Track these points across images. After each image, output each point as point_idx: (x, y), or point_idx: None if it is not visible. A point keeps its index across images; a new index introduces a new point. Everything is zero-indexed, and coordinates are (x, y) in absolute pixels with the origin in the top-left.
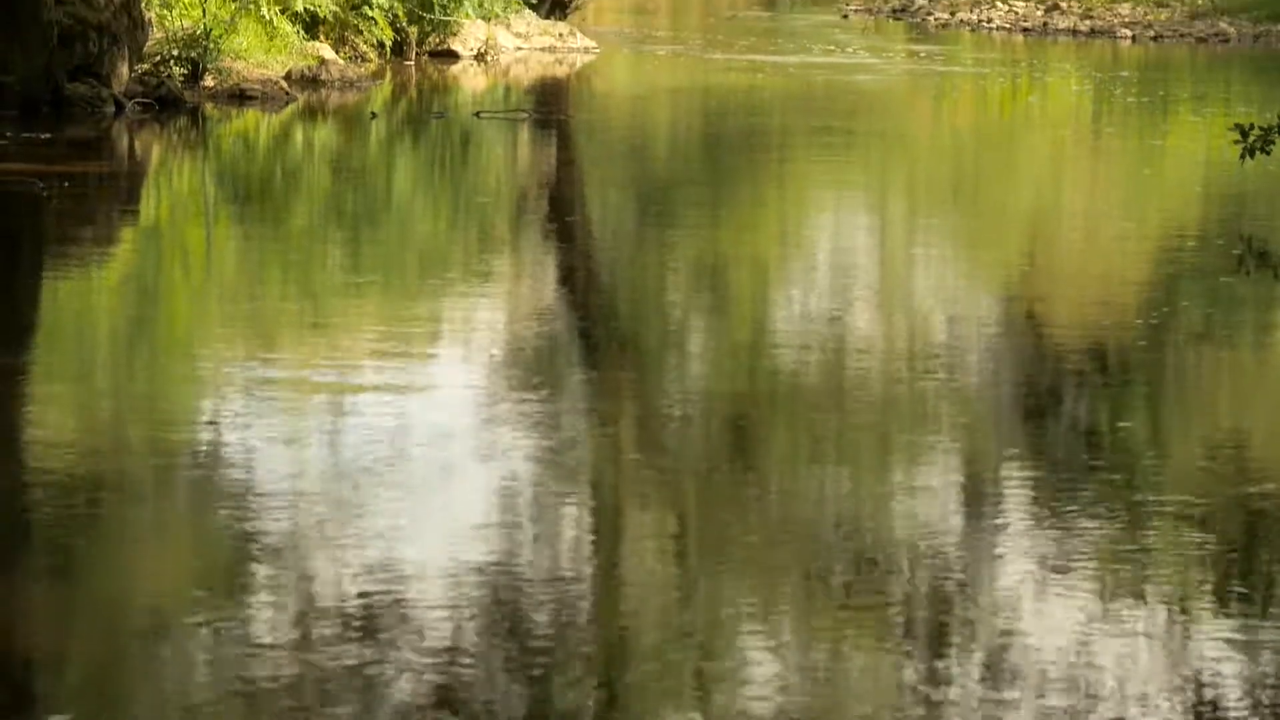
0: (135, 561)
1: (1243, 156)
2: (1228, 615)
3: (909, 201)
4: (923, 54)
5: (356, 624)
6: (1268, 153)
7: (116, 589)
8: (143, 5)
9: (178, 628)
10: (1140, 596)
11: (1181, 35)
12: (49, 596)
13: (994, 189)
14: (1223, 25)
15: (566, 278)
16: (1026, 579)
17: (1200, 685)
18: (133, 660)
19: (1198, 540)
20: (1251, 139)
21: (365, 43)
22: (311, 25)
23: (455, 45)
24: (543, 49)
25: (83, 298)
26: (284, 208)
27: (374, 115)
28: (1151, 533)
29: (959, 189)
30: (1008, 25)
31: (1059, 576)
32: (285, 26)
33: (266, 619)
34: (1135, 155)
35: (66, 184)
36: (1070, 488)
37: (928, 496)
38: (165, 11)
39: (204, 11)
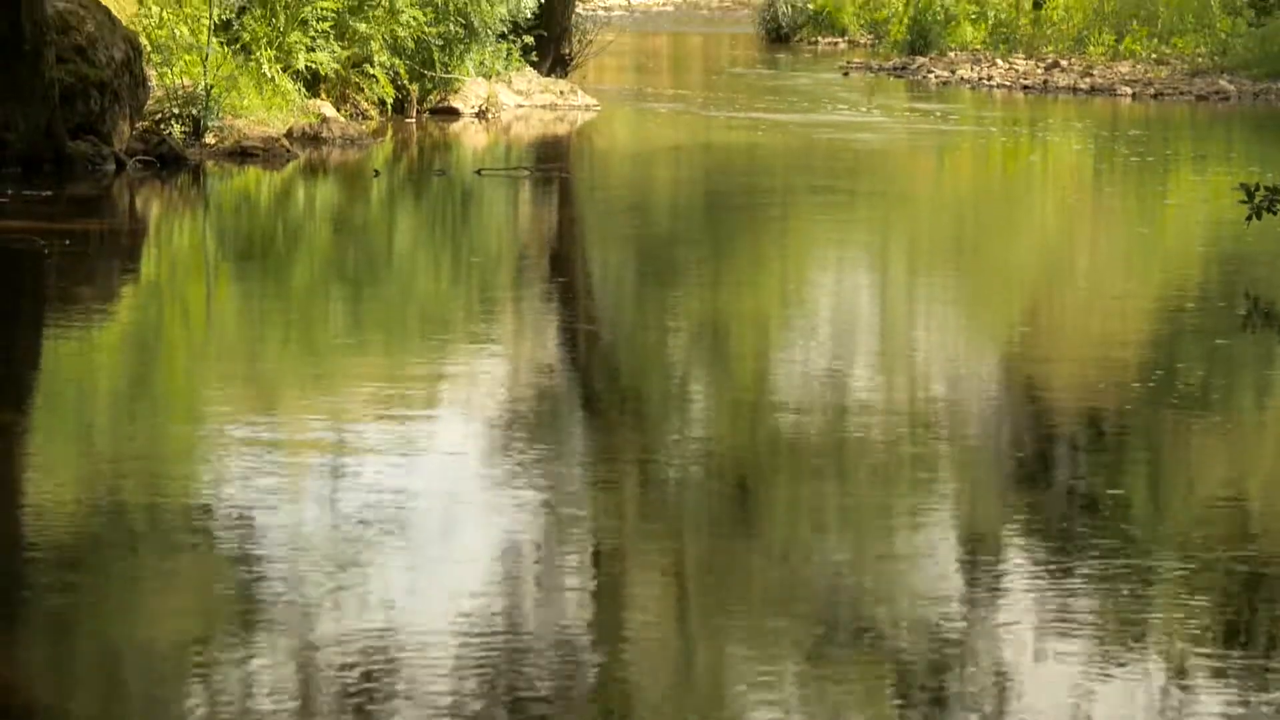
0: (132, 622)
1: (1249, 217)
2: (1227, 681)
3: (910, 261)
4: (923, 112)
5: (356, 685)
6: (1274, 213)
7: (113, 648)
8: (144, 63)
9: (175, 688)
10: (1140, 661)
11: (1181, 93)
12: (46, 656)
13: (995, 249)
14: (1222, 83)
15: (567, 336)
16: (1026, 644)
17: None
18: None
19: (1197, 605)
20: (1258, 199)
21: (366, 100)
22: (312, 83)
23: (456, 102)
24: (544, 106)
25: (83, 355)
26: (286, 265)
27: (377, 173)
28: (1152, 598)
29: (960, 249)
30: (1008, 83)
31: (1059, 642)
32: (286, 84)
33: (267, 680)
34: (1137, 215)
35: (67, 241)
36: (1070, 552)
37: (928, 559)
38: (166, 69)
39: (205, 69)
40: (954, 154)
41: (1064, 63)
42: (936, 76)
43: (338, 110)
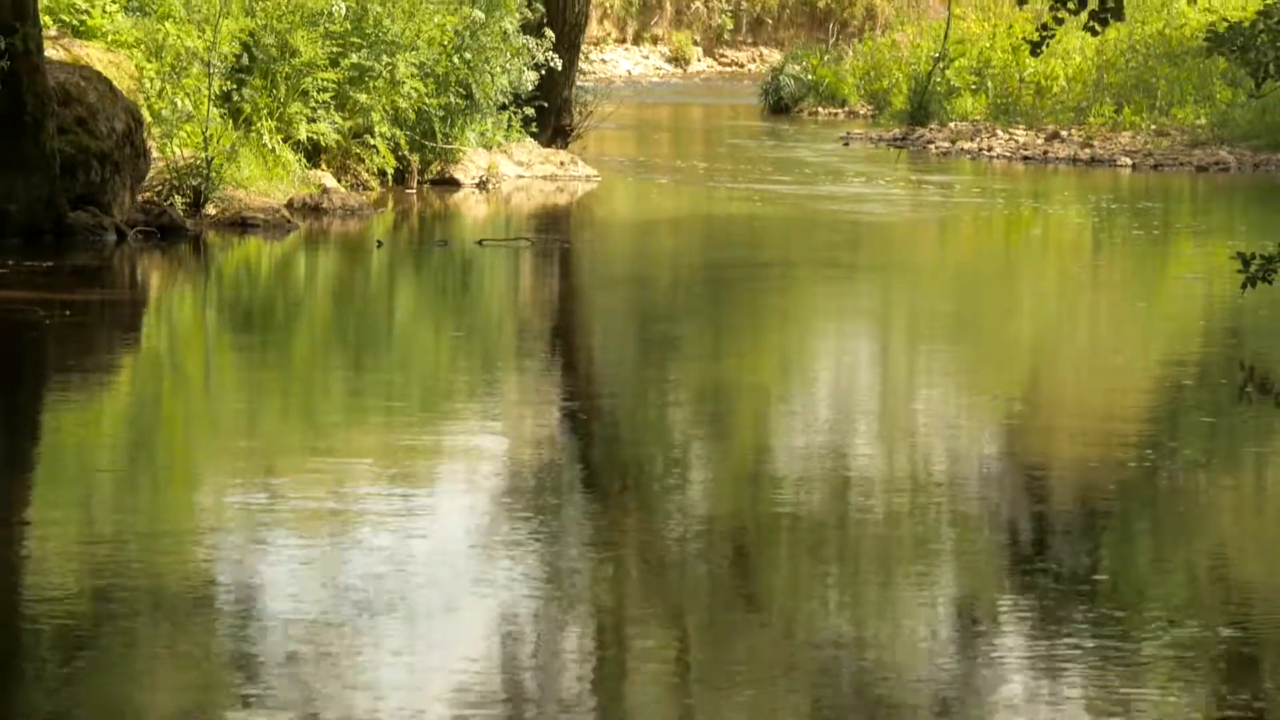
0: (134, 691)
1: (1244, 286)
2: None
3: (910, 334)
4: (924, 183)
5: None
6: (1269, 282)
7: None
8: (144, 134)
9: None
10: None
11: (1181, 164)
12: None
13: (995, 322)
14: (1223, 154)
15: (568, 409)
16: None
17: None
18: None
19: (1193, 678)
20: (1253, 268)
21: (367, 171)
22: (313, 153)
23: (457, 173)
24: (544, 177)
25: (83, 426)
26: (287, 337)
27: (380, 243)
28: (1150, 674)
29: (960, 323)
30: (1008, 154)
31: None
32: (287, 155)
33: None
34: (1137, 287)
35: (68, 312)
36: (1067, 632)
37: (927, 633)
38: (167, 140)
39: (205, 140)
40: (954, 226)
41: (1064, 133)
42: (937, 147)
43: (338, 181)
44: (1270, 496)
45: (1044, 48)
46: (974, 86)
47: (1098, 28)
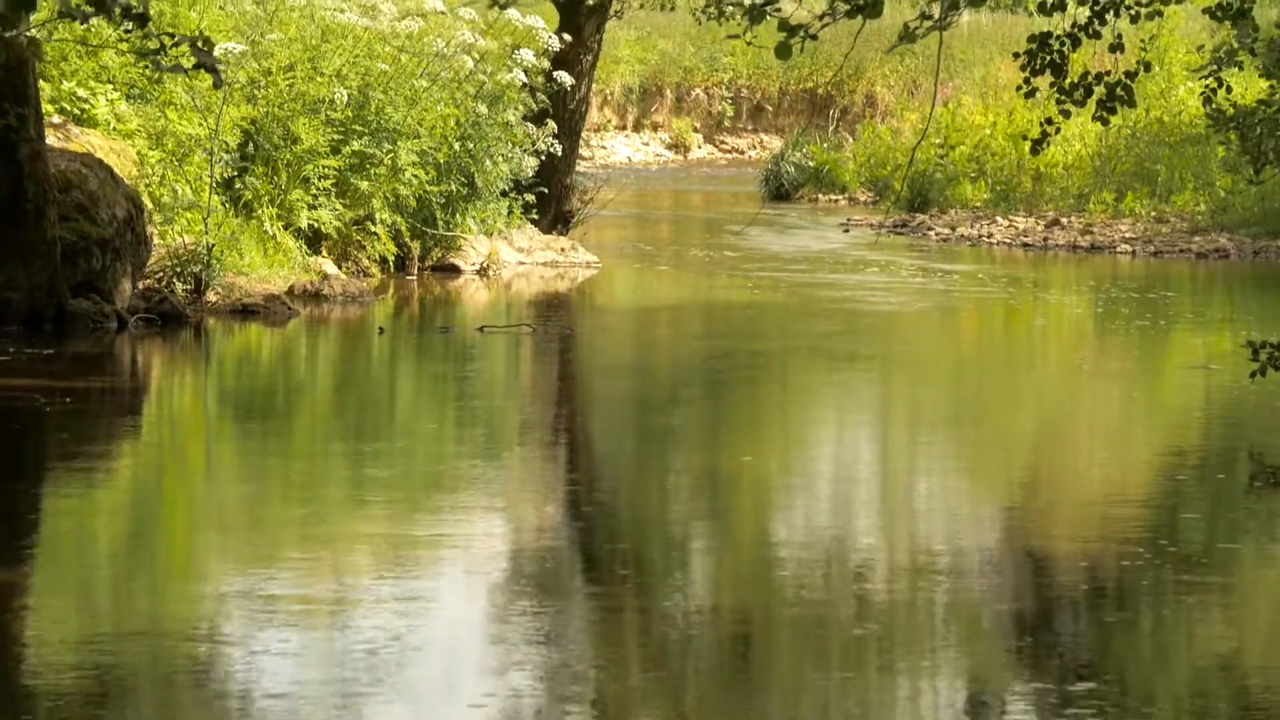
0: None
1: (1254, 375)
2: None
3: (910, 426)
4: (924, 270)
5: None
6: (1279, 370)
7: None
8: (145, 221)
9: None
10: None
11: (1181, 250)
12: None
13: (996, 412)
14: (1222, 241)
15: (568, 496)
16: None
17: None
18: None
19: None
20: (1263, 356)
21: (368, 257)
22: (314, 240)
23: (457, 259)
24: (545, 263)
25: (84, 513)
26: (288, 424)
27: (382, 330)
28: None
29: (960, 414)
30: (1008, 240)
31: None
32: (288, 242)
33: None
34: (1139, 376)
35: (68, 399)
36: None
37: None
38: (168, 227)
39: (206, 227)
40: (955, 314)
41: (1064, 220)
42: (937, 233)
43: (339, 267)
44: (1275, 587)
45: (1045, 145)
46: (974, 174)
47: (1107, 117)
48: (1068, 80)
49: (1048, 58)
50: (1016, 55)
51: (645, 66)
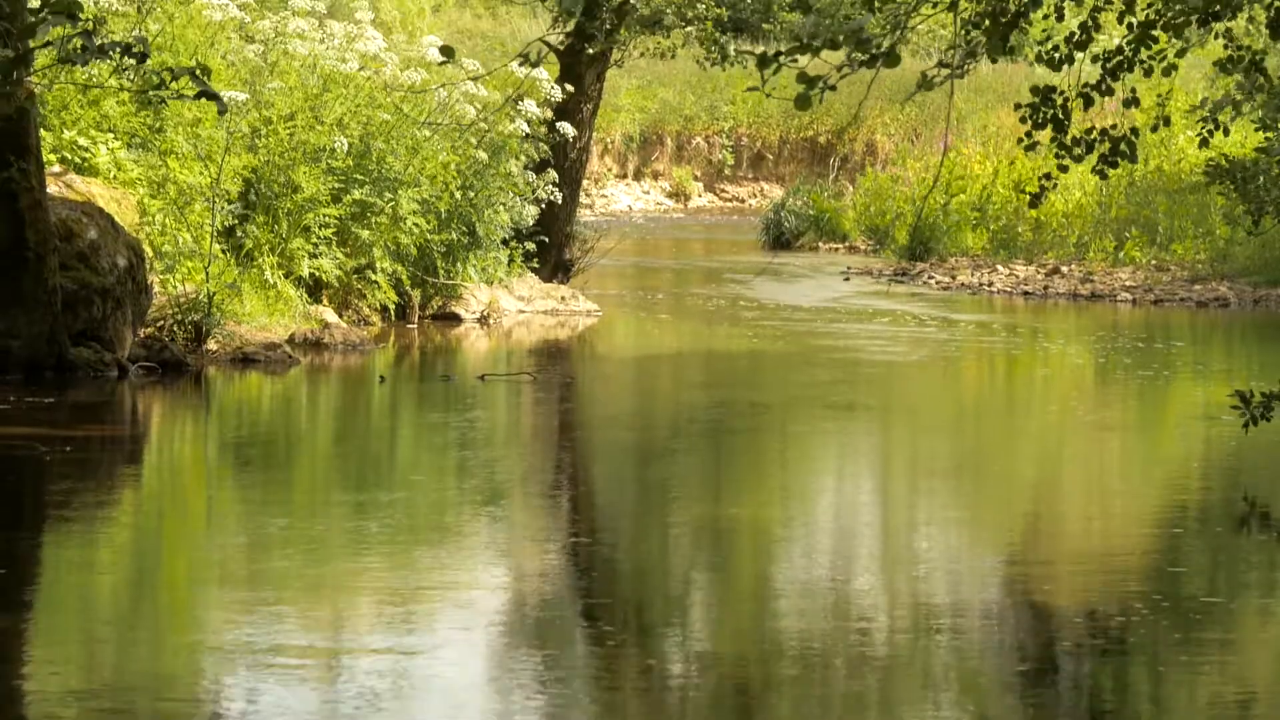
0: None
1: (1246, 425)
2: None
3: (910, 477)
4: (925, 319)
5: None
6: (1269, 420)
7: None
8: (146, 269)
9: None
10: None
11: (1181, 299)
12: None
13: (996, 465)
14: (1222, 289)
15: (569, 544)
16: None
17: None
18: None
19: None
20: (1254, 406)
21: (368, 306)
22: (315, 289)
23: (458, 308)
24: (545, 312)
25: (83, 563)
26: (288, 473)
27: (383, 379)
28: None
29: (961, 465)
30: (1009, 288)
31: None
32: (288, 290)
33: None
34: (1138, 425)
35: (69, 448)
36: None
37: None
38: (169, 275)
39: (207, 276)
40: (956, 364)
41: (1064, 268)
42: (938, 282)
43: (340, 316)
44: (1273, 634)
45: (1043, 200)
46: (975, 222)
47: (1107, 171)
48: (1069, 135)
49: (1050, 112)
50: (1018, 107)
51: (646, 115)
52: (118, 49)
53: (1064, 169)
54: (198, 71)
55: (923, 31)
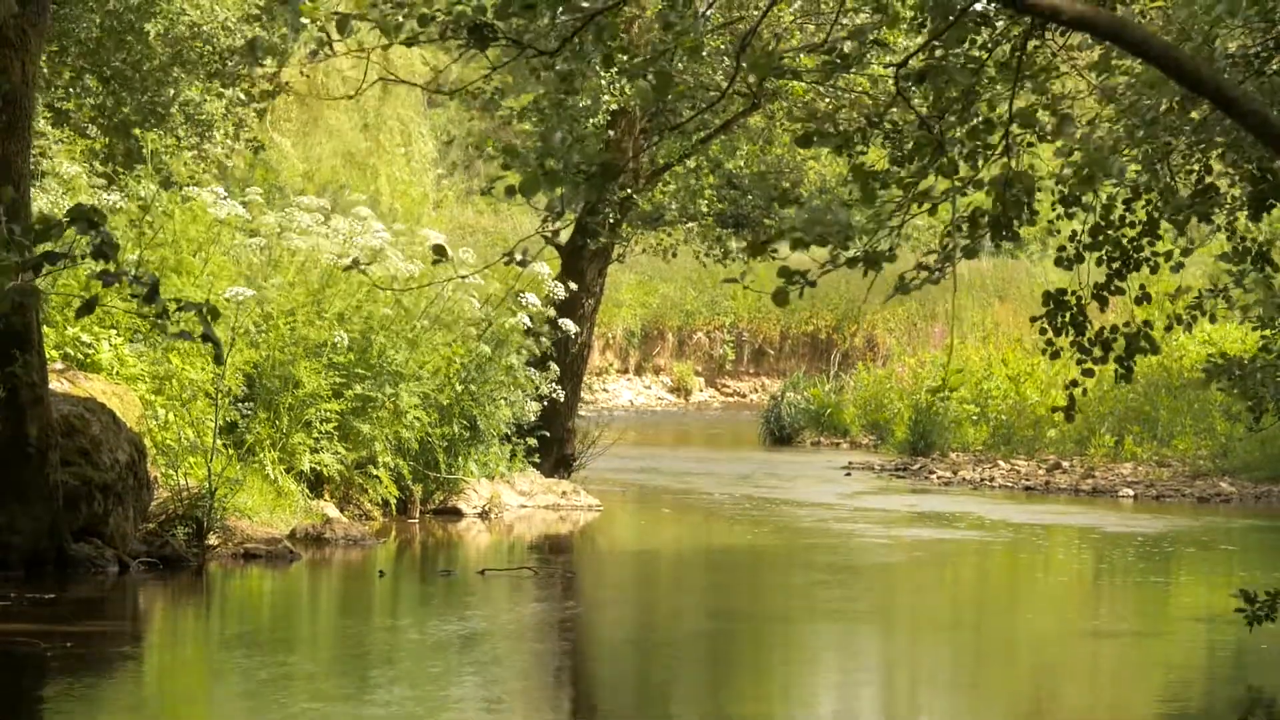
0: None
1: (1250, 624)
2: None
3: (910, 685)
4: (926, 516)
5: None
6: (1273, 620)
7: None
8: (147, 465)
9: None
10: None
11: (1183, 495)
12: None
13: (996, 665)
14: (1223, 485)
15: None
16: None
17: None
18: None
19: None
20: (1257, 606)
21: (370, 501)
22: (316, 483)
23: (459, 503)
24: (547, 506)
25: None
26: (290, 670)
27: (382, 573)
28: None
29: (958, 669)
30: (1010, 483)
31: None
32: (290, 485)
33: None
34: (1138, 625)
35: (69, 644)
36: None
37: None
38: (170, 471)
39: (209, 471)
40: (956, 564)
41: (1065, 464)
42: (939, 476)
43: (341, 510)
44: None
45: (1074, 410)
46: (974, 417)
47: (1127, 374)
48: (1088, 336)
49: (1066, 316)
50: (1034, 319)
51: (647, 310)
52: (126, 277)
53: (1089, 373)
54: (204, 311)
55: (923, 227)
